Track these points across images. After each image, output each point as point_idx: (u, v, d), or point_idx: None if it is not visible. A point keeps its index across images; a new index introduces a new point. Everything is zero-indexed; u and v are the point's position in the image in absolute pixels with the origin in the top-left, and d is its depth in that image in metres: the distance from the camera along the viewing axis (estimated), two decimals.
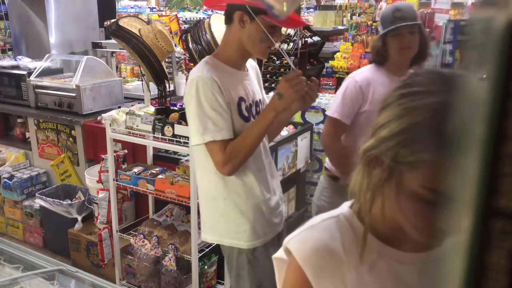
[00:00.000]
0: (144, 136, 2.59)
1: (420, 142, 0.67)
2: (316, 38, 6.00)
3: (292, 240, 0.84)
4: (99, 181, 2.94)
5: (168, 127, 2.48)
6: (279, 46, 1.79)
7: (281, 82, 1.62)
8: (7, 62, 4.04)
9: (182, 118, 2.51)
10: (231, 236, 1.83)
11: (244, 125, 1.73)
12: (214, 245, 2.76)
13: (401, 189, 0.73)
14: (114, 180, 2.77)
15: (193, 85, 1.65)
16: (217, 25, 2.34)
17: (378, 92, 2.08)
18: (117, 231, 2.89)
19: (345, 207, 0.87)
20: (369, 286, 0.81)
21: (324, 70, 6.10)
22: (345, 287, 0.80)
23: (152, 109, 2.75)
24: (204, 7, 9.28)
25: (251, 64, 1.93)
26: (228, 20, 1.72)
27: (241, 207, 1.79)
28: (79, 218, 3.31)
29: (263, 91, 1.98)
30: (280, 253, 0.89)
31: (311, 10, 7.96)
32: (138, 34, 2.70)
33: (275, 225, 1.90)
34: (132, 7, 8.49)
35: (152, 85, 2.97)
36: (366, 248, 0.80)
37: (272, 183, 1.90)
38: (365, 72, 2.20)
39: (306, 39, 5.78)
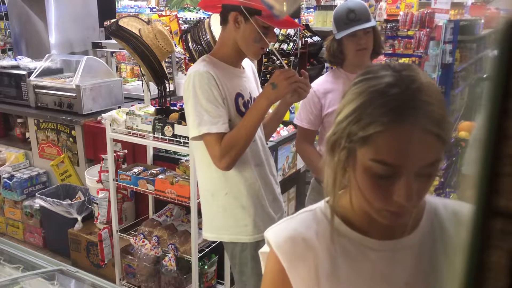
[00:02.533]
0: (144, 136, 2.59)
1: (367, 118, 0.74)
2: (316, 38, 6.00)
3: (270, 231, 0.90)
4: (99, 181, 2.94)
5: (168, 127, 2.48)
6: (273, 46, 1.88)
7: (275, 73, 1.65)
8: (7, 62, 4.04)
9: (182, 118, 2.51)
10: (231, 232, 1.86)
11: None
12: (214, 245, 2.76)
13: (357, 168, 0.78)
14: (114, 180, 2.77)
15: (190, 80, 1.69)
16: (217, 25, 2.33)
17: (338, 94, 2.09)
18: (117, 231, 2.89)
19: (322, 202, 0.92)
20: (342, 272, 0.84)
21: (324, 70, 6.09)
22: (318, 273, 0.84)
23: (152, 109, 2.75)
24: None
25: (247, 63, 1.96)
26: (223, 21, 1.75)
27: (242, 202, 1.81)
28: (79, 218, 3.31)
29: (260, 89, 2.00)
30: (264, 247, 0.93)
31: (311, 10, 7.96)
32: (138, 34, 2.70)
33: (275, 219, 1.92)
34: (132, 7, 8.48)
35: (152, 85, 2.97)
36: (340, 237, 0.85)
37: (271, 179, 1.94)
38: (322, 79, 2.25)
39: (306, 39, 5.78)
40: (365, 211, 0.82)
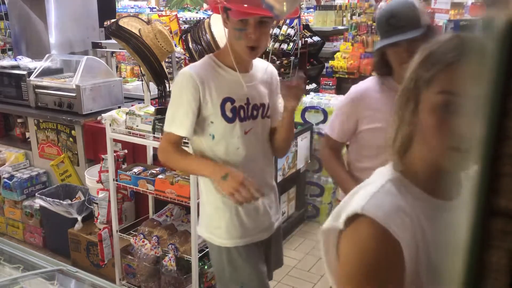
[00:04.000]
0: (144, 136, 2.59)
1: (432, 62, 0.88)
2: (316, 38, 6.00)
3: (366, 207, 0.90)
4: (99, 181, 2.94)
5: None
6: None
7: (233, 177, 1.61)
8: (7, 62, 4.04)
9: None
10: (205, 230, 1.89)
11: (226, 126, 1.74)
12: None
13: (424, 112, 0.89)
14: (114, 180, 2.77)
15: (175, 80, 1.77)
16: (217, 25, 2.34)
17: (379, 104, 1.81)
18: (117, 231, 2.89)
19: (387, 170, 0.99)
20: (428, 235, 0.90)
21: (324, 70, 6.10)
22: (416, 240, 0.89)
23: (152, 109, 2.75)
24: (205, 7, 9.28)
25: (267, 69, 1.89)
26: (223, 21, 1.73)
27: (217, 203, 1.81)
28: (79, 218, 3.31)
29: (276, 97, 1.91)
30: (330, 224, 0.97)
31: (311, 10, 7.96)
32: (138, 34, 2.70)
33: (257, 230, 1.86)
34: (132, 7, 8.49)
35: (152, 85, 2.97)
36: (418, 201, 0.93)
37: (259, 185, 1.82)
38: (365, 85, 1.93)
39: (306, 39, 5.79)
40: (434, 164, 0.91)
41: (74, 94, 3.48)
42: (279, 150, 1.93)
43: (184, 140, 1.87)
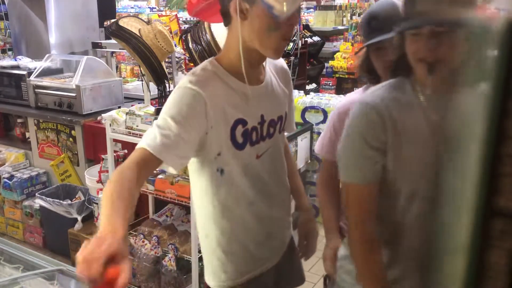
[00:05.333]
0: None
1: None
2: (316, 38, 6.00)
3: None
4: (99, 181, 2.94)
5: None
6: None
7: None
8: (7, 62, 4.04)
9: None
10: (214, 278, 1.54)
11: (235, 153, 1.36)
12: None
13: None
14: None
15: (175, 90, 1.32)
16: (217, 25, 2.34)
17: None
18: None
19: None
20: None
21: (324, 70, 6.10)
22: None
23: (152, 109, 2.75)
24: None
25: (277, 64, 1.54)
26: (226, 20, 1.34)
27: (224, 247, 1.48)
28: (79, 218, 3.31)
29: (290, 97, 1.60)
30: None
31: (311, 10, 7.95)
32: (138, 34, 2.70)
33: (264, 260, 1.55)
34: (132, 7, 8.49)
35: (152, 85, 2.97)
36: None
37: (270, 213, 1.53)
38: (351, 96, 1.81)
39: (306, 39, 5.79)
40: None
41: (74, 94, 3.48)
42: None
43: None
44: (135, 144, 1.32)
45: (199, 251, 2.61)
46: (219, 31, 2.26)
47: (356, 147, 1.25)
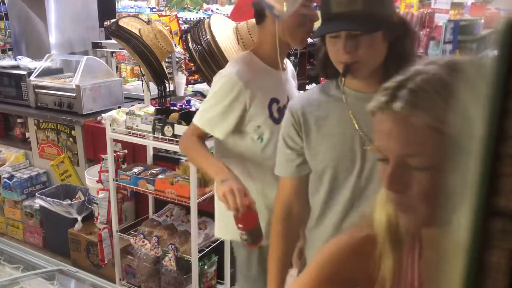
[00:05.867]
0: (144, 136, 2.59)
1: None
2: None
3: None
4: (99, 181, 2.94)
5: (168, 127, 2.48)
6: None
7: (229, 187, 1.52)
8: (7, 62, 4.04)
9: (182, 118, 2.51)
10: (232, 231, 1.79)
11: (273, 127, 1.66)
12: (214, 245, 2.76)
13: None
14: (114, 180, 2.77)
15: (220, 79, 1.66)
16: (217, 25, 2.34)
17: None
18: (117, 231, 2.89)
19: None
20: None
21: None
22: None
23: (152, 109, 2.75)
24: (205, 7, 9.27)
25: (287, 63, 1.90)
26: (260, 18, 1.67)
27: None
28: (79, 218, 3.31)
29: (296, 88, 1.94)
30: None
31: None
32: (138, 34, 2.70)
33: None
34: (132, 7, 8.48)
35: (152, 85, 2.97)
36: None
37: None
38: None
39: None
40: None
41: (74, 94, 3.47)
42: None
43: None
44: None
45: (199, 251, 2.61)
46: (219, 31, 2.26)
47: (280, 146, 1.45)
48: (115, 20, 2.87)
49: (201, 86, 4.26)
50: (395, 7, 1.37)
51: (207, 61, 2.21)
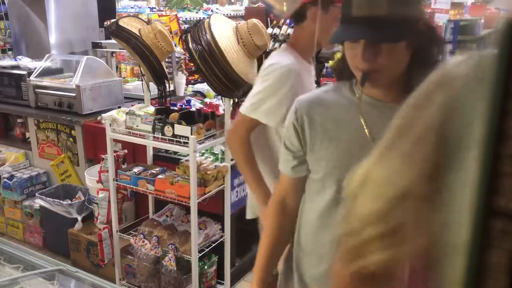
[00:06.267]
0: (144, 136, 2.59)
1: None
2: None
3: None
4: (99, 181, 2.94)
5: (168, 127, 2.48)
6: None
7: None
8: (7, 62, 4.03)
9: (182, 118, 2.51)
10: None
11: None
12: (214, 245, 2.76)
13: None
14: (114, 180, 2.77)
15: (278, 69, 1.74)
16: (217, 25, 2.34)
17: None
18: (117, 231, 2.89)
19: None
20: None
21: (324, 70, 6.09)
22: None
23: (152, 109, 2.75)
24: (204, 7, 9.27)
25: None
26: (300, 18, 1.78)
27: None
28: (79, 218, 3.31)
29: None
30: None
31: None
32: (138, 34, 2.70)
33: None
34: (132, 7, 8.48)
35: (152, 85, 2.97)
36: None
37: None
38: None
39: None
40: None
41: (74, 94, 3.47)
42: None
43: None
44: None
45: (199, 251, 2.61)
46: (219, 31, 2.26)
47: (282, 144, 1.41)
48: (115, 20, 2.87)
49: (201, 86, 4.26)
50: (422, 11, 1.25)
51: (207, 61, 2.22)
